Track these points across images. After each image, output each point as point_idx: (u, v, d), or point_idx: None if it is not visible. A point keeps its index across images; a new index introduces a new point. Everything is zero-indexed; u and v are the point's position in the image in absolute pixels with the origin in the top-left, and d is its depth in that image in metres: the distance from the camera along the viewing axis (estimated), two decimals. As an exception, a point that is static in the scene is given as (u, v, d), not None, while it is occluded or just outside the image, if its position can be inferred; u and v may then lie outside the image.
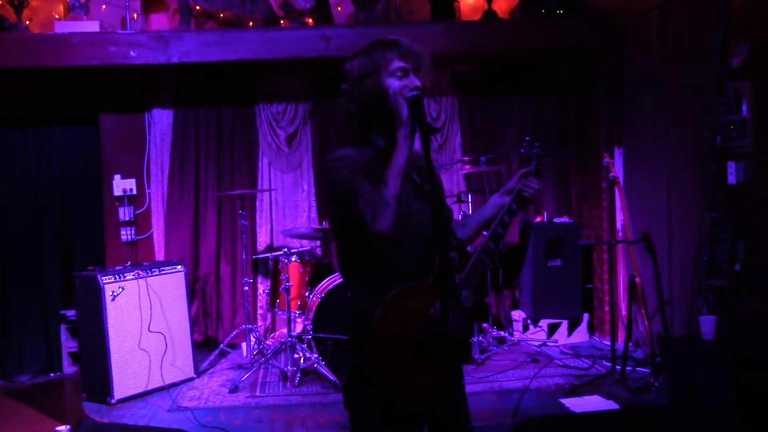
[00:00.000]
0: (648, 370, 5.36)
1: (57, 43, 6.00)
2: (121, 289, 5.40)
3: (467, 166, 6.43)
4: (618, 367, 5.36)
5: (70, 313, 6.30)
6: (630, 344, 5.47)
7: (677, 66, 5.47)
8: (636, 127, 6.20)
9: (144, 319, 5.51)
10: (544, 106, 7.32)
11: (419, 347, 2.27)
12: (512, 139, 7.28)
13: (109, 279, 5.36)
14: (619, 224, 6.40)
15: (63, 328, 6.51)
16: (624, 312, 6.21)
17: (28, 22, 6.22)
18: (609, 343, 5.72)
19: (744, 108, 4.59)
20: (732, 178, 4.69)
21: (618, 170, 6.22)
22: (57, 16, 6.34)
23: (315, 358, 5.54)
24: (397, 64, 2.49)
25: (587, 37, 6.47)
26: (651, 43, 5.82)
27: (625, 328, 5.53)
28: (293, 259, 6.00)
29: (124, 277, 5.46)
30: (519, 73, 7.20)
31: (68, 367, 6.54)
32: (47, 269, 6.72)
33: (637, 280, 5.46)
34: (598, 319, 6.89)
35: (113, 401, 5.29)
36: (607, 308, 6.60)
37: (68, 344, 6.51)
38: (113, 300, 5.35)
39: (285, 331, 6.04)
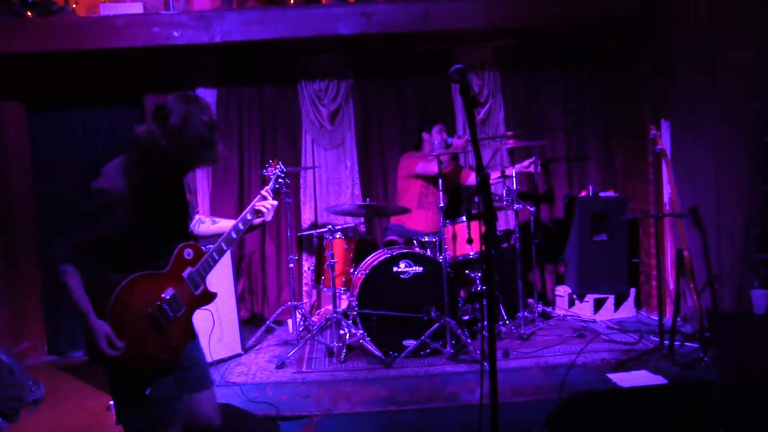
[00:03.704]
0: (697, 345, 5.30)
1: (102, 26, 6.06)
2: (168, 267, 5.47)
3: (510, 141, 6.38)
4: (666, 342, 5.31)
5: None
6: (678, 319, 5.39)
7: (725, 35, 5.34)
8: (683, 99, 6.07)
9: (192, 296, 5.59)
10: (588, 79, 7.23)
11: (150, 324, 2.79)
12: (557, 113, 7.22)
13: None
14: (666, 198, 6.30)
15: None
16: (672, 286, 6.13)
17: (74, 6, 6.31)
18: (656, 318, 5.65)
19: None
20: (786, 149, 4.58)
21: (665, 143, 6.12)
22: (102, -1, 6.41)
23: (360, 334, 5.58)
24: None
25: (631, 9, 6.34)
26: (698, 13, 5.69)
27: (673, 302, 5.45)
28: (337, 236, 6.03)
29: (172, 255, 5.53)
30: (562, 47, 7.11)
31: (119, 344, 6.68)
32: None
33: (686, 253, 5.38)
34: (645, 294, 6.82)
35: (163, 377, 5.39)
36: (654, 283, 6.53)
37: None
38: (161, 277, 5.42)
39: (330, 307, 6.08)
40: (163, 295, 2.82)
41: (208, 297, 3.01)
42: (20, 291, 6.57)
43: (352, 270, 6.04)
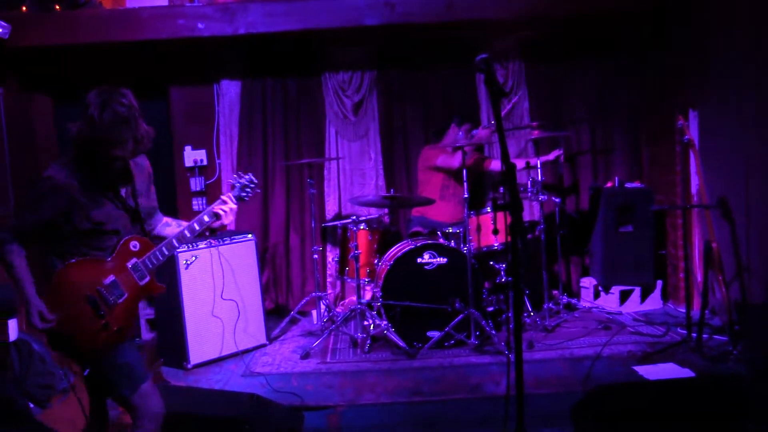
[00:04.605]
0: (726, 338, 5.23)
1: (128, 18, 6.12)
2: (194, 258, 5.51)
3: (535, 132, 6.34)
4: (694, 334, 5.25)
5: (147, 281, 6.46)
6: (706, 311, 5.33)
7: (758, 24, 5.25)
8: (712, 89, 5.99)
9: (217, 287, 5.62)
10: (614, 69, 7.14)
11: (89, 307, 2.93)
12: (582, 104, 7.15)
13: (182, 248, 5.47)
14: (693, 189, 6.23)
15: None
16: (699, 279, 6.06)
17: (100, -2, 6.37)
18: (684, 311, 5.60)
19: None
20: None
21: (693, 133, 6.04)
22: (127, -9, 6.45)
23: (384, 324, 5.58)
24: None
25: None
26: (731, 3, 5.60)
27: (701, 294, 5.40)
28: (362, 227, 6.03)
29: (197, 246, 5.57)
30: (586, 37, 7.02)
31: (146, 334, 6.73)
32: (122, 239, 6.89)
33: (714, 245, 5.32)
34: (672, 286, 6.76)
35: (189, 366, 5.44)
36: (681, 275, 6.46)
37: (145, 312, 6.67)
38: (187, 268, 5.47)
39: (354, 298, 6.09)
40: (104, 281, 2.97)
41: (155, 288, 3.17)
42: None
43: (376, 261, 6.04)
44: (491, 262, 6.19)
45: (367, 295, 6.39)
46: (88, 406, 3.25)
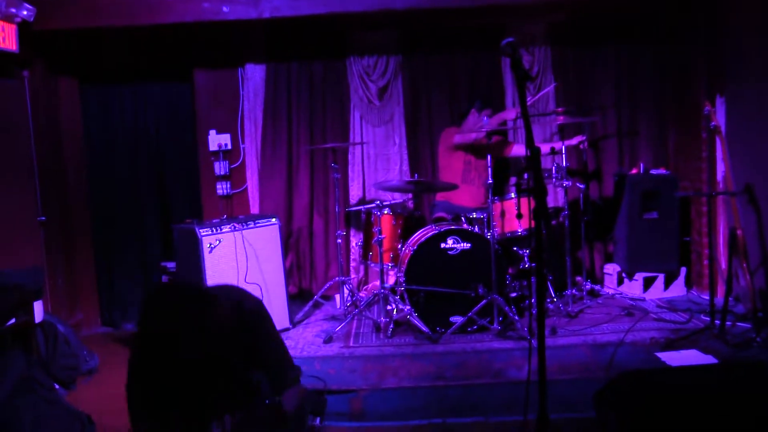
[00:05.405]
0: (749, 326, 5.21)
1: (152, 1, 6.11)
2: (218, 242, 5.56)
3: (561, 117, 6.30)
4: (717, 321, 5.22)
5: (170, 265, 6.50)
6: (730, 299, 5.30)
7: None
8: (741, 75, 5.92)
9: (240, 271, 5.67)
10: (640, 54, 7.07)
11: None
12: (608, 89, 7.09)
13: (206, 231, 5.51)
14: (719, 176, 6.18)
15: (164, 279, 6.74)
16: (724, 266, 6.02)
17: (125, -19, 6.38)
18: (707, 298, 5.57)
19: None
20: None
21: (720, 120, 5.98)
22: (152, -26, 6.46)
23: (408, 309, 5.60)
24: None
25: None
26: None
27: (725, 282, 5.36)
28: (385, 212, 6.05)
29: (221, 229, 5.61)
30: (614, 22, 6.96)
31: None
32: (147, 223, 6.97)
33: (739, 232, 5.28)
34: (696, 273, 6.72)
35: (213, 349, 5.48)
36: (705, 262, 6.43)
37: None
38: (211, 252, 5.51)
39: (378, 283, 6.11)
40: None
41: None
42: (75, 264, 6.72)
43: (399, 246, 6.05)
44: (515, 248, 6.19)
45: (391, 280, 6.41)
46: None
